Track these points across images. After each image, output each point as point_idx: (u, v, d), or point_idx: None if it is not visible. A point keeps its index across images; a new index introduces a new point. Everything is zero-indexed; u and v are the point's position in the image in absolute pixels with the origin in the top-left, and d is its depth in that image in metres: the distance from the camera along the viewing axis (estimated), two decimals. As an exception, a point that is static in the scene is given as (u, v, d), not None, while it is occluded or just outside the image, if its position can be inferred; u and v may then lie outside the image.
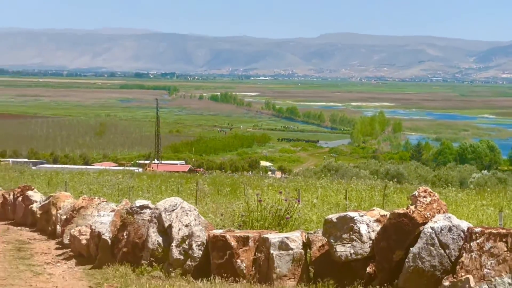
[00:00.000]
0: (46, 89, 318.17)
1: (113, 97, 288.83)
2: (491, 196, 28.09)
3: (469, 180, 70.80)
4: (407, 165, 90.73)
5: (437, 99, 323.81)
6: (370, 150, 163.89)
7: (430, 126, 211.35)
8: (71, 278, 12.66)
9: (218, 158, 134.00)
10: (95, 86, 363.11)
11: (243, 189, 31.74)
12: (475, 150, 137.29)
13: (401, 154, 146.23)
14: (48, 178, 37.39)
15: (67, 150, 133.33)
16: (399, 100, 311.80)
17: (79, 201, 18.06)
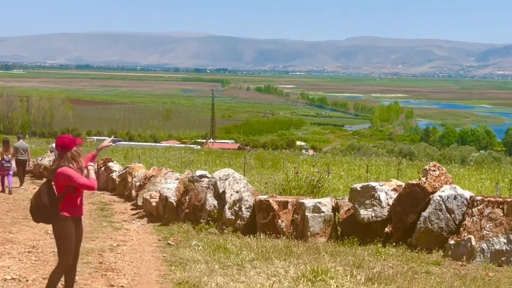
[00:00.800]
0: (123, 81, 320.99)
1: (177, 88, 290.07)
2: (488, 172, 27.68)
3: (469, 158, 70.16)
4: (417, 146, 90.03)
5: (442, 92, 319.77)
6: (387, 133, 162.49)
7: (436, 113, 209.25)
8: (144, 233, 12.76)
9: (262, 138, 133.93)
10: (162, 79, 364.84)
11: (282, 164, 31.75)
12: (474, 133, 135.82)
13: (412, 137, 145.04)
14: (125, 153, 37.69)
15: (139, 131, 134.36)
16: (411, 92, 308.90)
17: (150, 171, 18.20)
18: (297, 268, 8.88)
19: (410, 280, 8.31)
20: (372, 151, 65.93)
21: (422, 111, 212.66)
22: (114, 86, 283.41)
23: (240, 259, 9.62)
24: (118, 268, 9.27)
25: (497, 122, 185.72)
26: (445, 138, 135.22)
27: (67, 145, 7.00)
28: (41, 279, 8.31)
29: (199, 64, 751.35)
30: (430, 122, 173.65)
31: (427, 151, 79.30)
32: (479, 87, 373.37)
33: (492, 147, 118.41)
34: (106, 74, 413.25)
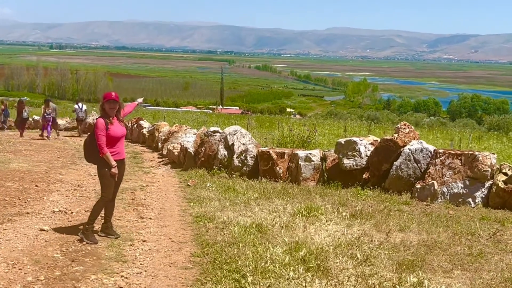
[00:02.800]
0: (151, 59, 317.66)
1: (193, 65, 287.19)
2: (438, 132, 27.25)
3: (421, 123, 69.47)
4: (381, 113, 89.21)
5: (401, 71, 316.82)
6: (357, 103, 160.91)
7: (396, 88, 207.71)
8: (168, 176, 12.28)
9: (259, 106, 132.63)
10: (182, 58, 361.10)
11: (277, 124, 31.25)
12: (425, 104, 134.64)
13: (377, 106, 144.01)
14: (153, 115, 37.14)
15: (164, 98, 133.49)
16: (376, 71, 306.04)
17: (173, 128, 17.66)
18: (293, 206, 8.42)
19: (387, 216, 7.85)
20: (346, 117, 65.33)
21: (385, 86, 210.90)
22: (144, 63, 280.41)
23: (246, 198, 9.15)
24: (147, 203, 8.81)
25: (442, 95, 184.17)
26: (402, 107, 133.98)
27: (105, 97, 6.53)
28: (83, 212, 7.85)
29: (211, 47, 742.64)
30: (391, 95, 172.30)
31: (389, 117, 78.28)
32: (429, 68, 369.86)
33: (439, 115, 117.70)
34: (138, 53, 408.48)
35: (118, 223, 7.26)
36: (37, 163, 12.92)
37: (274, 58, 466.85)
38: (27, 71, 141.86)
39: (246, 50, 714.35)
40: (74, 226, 6.97)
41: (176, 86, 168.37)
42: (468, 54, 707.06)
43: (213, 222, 7.36)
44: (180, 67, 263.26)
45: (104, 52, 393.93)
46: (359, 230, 7.07)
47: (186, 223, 7.39)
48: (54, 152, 16.26)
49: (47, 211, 7.78)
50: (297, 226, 7.14)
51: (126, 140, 21.14)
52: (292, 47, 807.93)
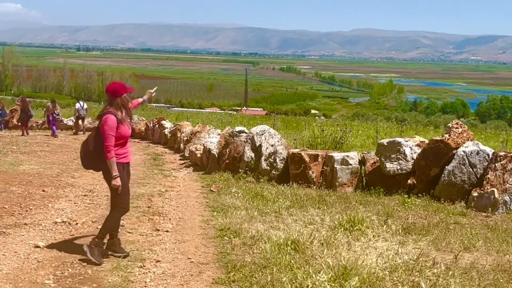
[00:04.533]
0: (176, 61, 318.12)
1: (218, 67, 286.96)
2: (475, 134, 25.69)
3: (451, 125, 67.51)
4: (408, 114, 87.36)
5: (427, 72, 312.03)
6: (382, 104, 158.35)
7: (422, 89, 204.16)
8: (189, 180, 11.21)
9: (284, 107, 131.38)
10: (207, 60, 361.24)
11: (304, 125, 30.07)
12: (452, 105, 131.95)
13: (403, 107, 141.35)
14: (176, 115, 36.31)
15: (189, 100, 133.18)
16: (402, 72, 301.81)
17: (195, 128, 16.61)
18: (333, 217, 7.24)
19: (445, 231, 6.62)
20: (373, 118, 63.82)
21: (411, 87, 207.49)
22: (170, 65, 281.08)
23: (277, 206, 8.00)
24: (164, 212, 7.72)
25: (470, 97, 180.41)
26: (429, 108, 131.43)
27: (118, 91, 5.38)
28: (90, 222, 6.79)
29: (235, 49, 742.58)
30: (417, 96, 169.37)
31: (417, 118, 76.70)
32: (456, 69, 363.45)
33: (468, 116, 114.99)
34: (164, 55, 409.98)
35: (129, 238, 6.18)
36: (50, 165, 11.97)
37: (298, 59, 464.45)
38: (54, 73, 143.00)
39: (271, 52, 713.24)
40: (76, 242, 5.89)
41: (200, 88, 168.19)
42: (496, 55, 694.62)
43: (240, 236, 6.23)
44: (204, 69, 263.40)
45: (130, 54, 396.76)
46: (416, 249, 5.86)
47: (208, 238, 6.27)
48: (71, 153, 15.35)
49: (48, 221, 6.74)
50: (340, 243, 5.96)
51: (147, 141, 20.20)
52: (316, 48, 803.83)
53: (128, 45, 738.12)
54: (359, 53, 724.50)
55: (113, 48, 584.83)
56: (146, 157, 15.19)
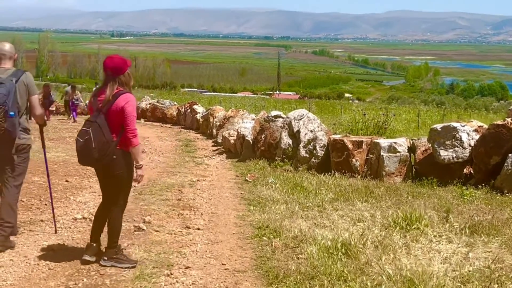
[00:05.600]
0: (209, 46, 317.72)
1: (250, 51, 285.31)
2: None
3: (490, 107, 65.14)
4: (446, 97, 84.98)
5: (464, 54, 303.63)
6: (417, 87, 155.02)
7: (459, 72, 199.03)
8: (222, 168, 10.49)
9: (317, 91, 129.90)
10: (239, 45, 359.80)
11: (339, 109, 29.11)
12: (490, 88, 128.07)
13: (439, 90, 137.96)
14: (208, 100, 35.75)
15: (221, 84, 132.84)
16: (437, 54, 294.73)
17: (228, 112, 15.88)
18: (384, 212, 6.41)
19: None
20: (409, 101, 62.15)
21: (447, 70, 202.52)
22: (202, 49, 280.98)
23: (320, 199, 7.20)
24: (195, 206, 7.01)
25: (508, 79, 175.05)
26: (466, 91, 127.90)
27: (121, 67, 4.50)
28: (114, 219, 6.13)
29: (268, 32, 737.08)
30: (454, 79, 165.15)
31: (455, 101, 74.27)
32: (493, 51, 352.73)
33: (507, 99, 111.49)
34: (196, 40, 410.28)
35: (156, 237, 5.47)
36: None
37: (331, 43, 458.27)
38: (89, 58, 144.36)
39: (303, 35, 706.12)
40: (97, 242, 5.21)
41: (232, 72, 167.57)
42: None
43: (281, 236, 5.46)
44: (237, 53, 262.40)
45: (163, 40, 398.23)
46: (486, 253, 5.00)
47: (244, 238, 5.52)
48: (101, 139, 14.83)
49: (67, 217, 6.10)
50: (397, 245, 5.14)
51: (179, 126, 19.58)
52: (349, 31, 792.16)
53: (161, 30, 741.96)
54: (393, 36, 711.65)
55: (147, 33, 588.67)
56: (177, 143, 14.56)
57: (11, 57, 4.96)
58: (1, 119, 4.56)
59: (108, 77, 4.50)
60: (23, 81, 4.87)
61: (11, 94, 4.65)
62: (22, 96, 4.87)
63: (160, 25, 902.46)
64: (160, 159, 11.28)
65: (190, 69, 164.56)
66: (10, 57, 4.94)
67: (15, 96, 4.72)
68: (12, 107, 4.64)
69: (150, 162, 10.84)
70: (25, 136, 5.00)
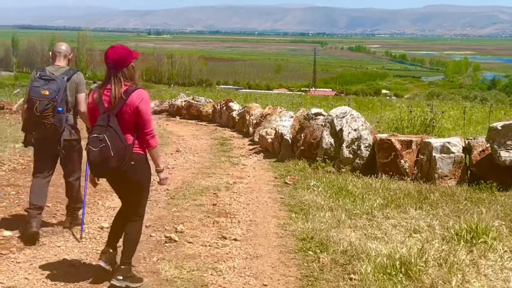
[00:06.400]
0: (244, 43, 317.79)
1: (285, 48, 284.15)
2: None
3: (535, 104, 62.80)
4: (488, 93, 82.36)
5: (505, 49, 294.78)
6: (457, 83, 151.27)
7: (500, 67, 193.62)
8: (260, 169, 9.91)
9: (353, 88, 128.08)
10: (274, 41, 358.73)
11: (378, 106, 28.18)
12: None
13: (480, 86, 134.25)
14: (244, 97, 35.25)
15: (256, 81, 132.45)
16: (477, 49, 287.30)
17: (265, 110, 15.29)
18: (443, 223, 5.72)
19: None
20: (450, 97, 60.28)
21: (487, 65, 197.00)
22: (237, 46, 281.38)
23: (368, 205, 6.54)
24: (232, 212, 6.44)
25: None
26: (508, 87, 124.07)
27: (125, 58, 3.91)
28: (144, 228, 5.56)
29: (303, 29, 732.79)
30: (495, 74, 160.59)
31: (497, 97, 71.79)
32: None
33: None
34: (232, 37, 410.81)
35: (188, 250, 4.92)
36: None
37: (367, 38, 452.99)
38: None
39: (339, 32, 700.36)
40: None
41: (268, 69, 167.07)
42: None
43: (329, 251, 4.84)
44: (272, 50, 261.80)
45: (199, 37, 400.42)
46: None
47: (287, 252, 4.92)
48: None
49: (94, 225, 5.62)
50: (464, 262, 4.45)
51: (214, 124, 19.09)
52: (386, 27, 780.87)
53: (197, 28, 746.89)
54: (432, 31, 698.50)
55: (183, 31, 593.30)
56: (213, 142, 14.05)
57: (66, 55, 5.26)
58: (50, 114, 4.81)
59: (110, 70, 3.93)
60: (74, 80, 5.13)
61: (61, 91, 4.91)
62: (72, 94, 5.12)
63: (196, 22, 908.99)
64: (195, 159, 10.78)
65: (225, 66, 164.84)
66: (65, 55, 5.24)
67: (65, 93, 4.99)
68: (61, 103, 4.91)
69: (185, 162, 10.35)
70: (72, 132, 5.22)
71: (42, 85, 4.82)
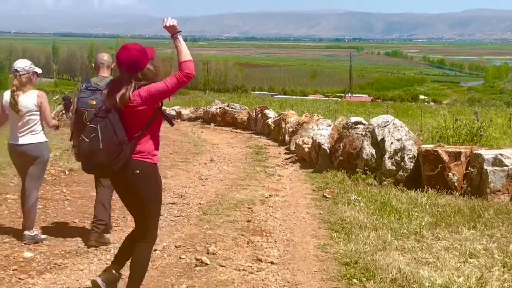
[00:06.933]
0: (279, 49, 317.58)
1: (321, 53, 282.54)
2: None
3: None
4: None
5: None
6: (497, 88, 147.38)
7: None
8: (297, 180, 9.45)
9: (390, 93, 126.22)
10: (310, 47, 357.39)
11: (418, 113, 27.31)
12: None
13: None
14: (279, 103, 34.78)
15: (292, 87, 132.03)
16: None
17: (302, 117, 14.81)
18: (502, 245, 5.15)
19: None
20: (491, 103, 58.48)
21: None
22: (273, 52, 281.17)
23: (416, 224, 6.00)
24: (268, 229, 6.00)
25: None
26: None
27: (140, 61, 3.49)
28: (173, 248, 5.19)
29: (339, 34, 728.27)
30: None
31: (541, 103, 69.45)
32: None
33: None
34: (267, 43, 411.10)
35: (221, 275, 4.50)
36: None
37: (404, 43, 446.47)
38: (163, 63, 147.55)
39: (375, 37, 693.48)
40: (148, 282, 4.28)
41: (303, 75, 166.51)
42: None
43: (375, 279, 4.35)
44: (307, 56, 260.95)
45: (234, 43, 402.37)
46: None
47: (329, 279, 4.45)
48: (169, 146, 14.17)
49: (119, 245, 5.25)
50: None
51: (249, 132, 18.70)
52: (424, 31, 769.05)
53: (232, 34, 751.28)
54: (471, 35, 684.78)
55: (219, 37, 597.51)
56: (247, 150, 13.66)
57: (109, 65, 5.44)
58: None
59: (123, 74, 3.50)
60: None
61: None
62: None
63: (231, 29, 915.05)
64: (229, 169, 10.40)
65: (260, 72, 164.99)
66: (107, 65, 5.43)
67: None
68: None
69: (219, 172, 9.98)
70: None
71: (89, 95, 5.06)
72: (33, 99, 5.06)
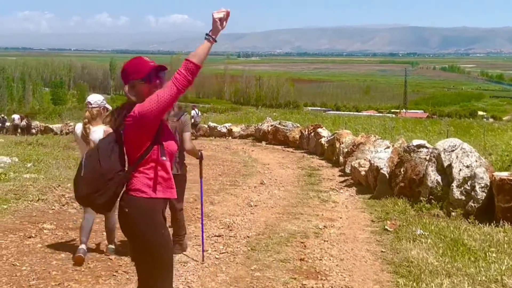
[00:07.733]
0: (332, 64, 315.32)
1: (374, 69, 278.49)
2: None
3: None
4: None
5: None
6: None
7: None
8: (353, 208, 8.71)
9: (446, 109, 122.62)
10: (363, 62, 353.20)
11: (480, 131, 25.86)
12: None
13: None
14: (332, 120, 33.94)
15: (344, 102, 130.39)
16: None
17: (358, 138, 14.02)
18: None
19: None
20: (556, 120, 55.67)
21: None
22: (325, 68, 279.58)
23: (496, 269, 5.16)
24: (323, 271, 5.30)
25: None
26: None
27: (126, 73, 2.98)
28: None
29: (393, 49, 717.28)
30: None
31: None
32: None
33: None
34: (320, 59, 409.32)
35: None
36: (190, 184, 10.18)
37: (461, 58, 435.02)
38: (216, 79, 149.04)
39: (430, 51, 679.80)
40: None
41: (356, 90, 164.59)
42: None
43: None
44: (361, 71, 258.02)
45: (287, 59, 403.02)
46: None
47: None
48: (218, 166, 13.72)
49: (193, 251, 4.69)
50: None
51: (302, 151, 18.01)
52: (481, 46, 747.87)
53: (285, 50, 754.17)
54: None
55: (271, 53, 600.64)
56: (300, 172, 13.00)
57: None
58: None
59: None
60: (181, 121, 5.70)
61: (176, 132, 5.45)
62: (180, 132, 5.63)
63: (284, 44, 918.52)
64: (280, 194, 9.76)
65: (313, 87, 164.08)
66: None
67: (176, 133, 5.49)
68: None
69: (269, 198, 9.36)
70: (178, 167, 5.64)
71: None
72: (100, 134, 5.13)
